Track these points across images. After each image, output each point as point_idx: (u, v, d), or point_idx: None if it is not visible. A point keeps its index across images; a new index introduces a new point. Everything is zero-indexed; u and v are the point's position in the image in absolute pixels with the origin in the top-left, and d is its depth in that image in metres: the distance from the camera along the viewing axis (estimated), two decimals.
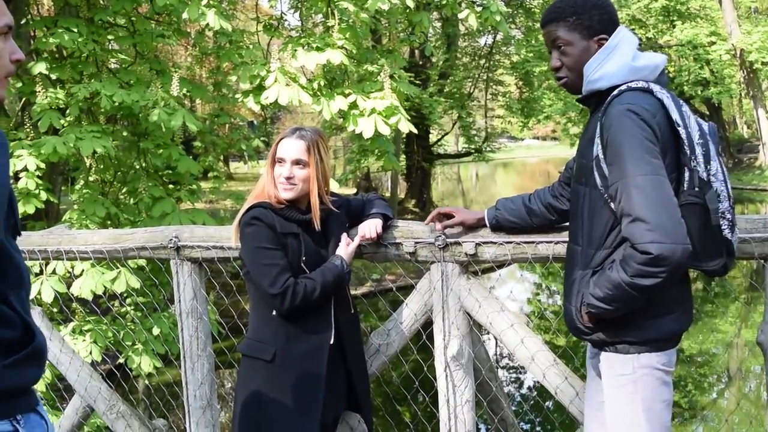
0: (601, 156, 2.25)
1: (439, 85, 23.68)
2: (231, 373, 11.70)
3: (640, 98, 2.22)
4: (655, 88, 2.26)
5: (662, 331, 2.29)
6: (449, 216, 2.92)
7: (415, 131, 7.21)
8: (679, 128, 2.21)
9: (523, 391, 11.24)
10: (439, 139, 28.20)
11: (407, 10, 7.71)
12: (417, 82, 10.07)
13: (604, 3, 2.39)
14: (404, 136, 17.43)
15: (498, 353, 11.99)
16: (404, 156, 23.29)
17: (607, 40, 2.34)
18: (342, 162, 22.92)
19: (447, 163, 36.86)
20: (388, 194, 22.71)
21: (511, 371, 11.90)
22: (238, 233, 2.85)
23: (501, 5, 7.86)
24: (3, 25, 1.90)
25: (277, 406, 2.80)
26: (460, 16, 7.94)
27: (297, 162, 2.81)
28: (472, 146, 26.56)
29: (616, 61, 2.31)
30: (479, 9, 8.03)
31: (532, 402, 10.03)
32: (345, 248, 2.89)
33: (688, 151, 2.21)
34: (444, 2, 7.83)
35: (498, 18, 7.77)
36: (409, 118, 7.00)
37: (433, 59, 23.22)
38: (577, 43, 2.36)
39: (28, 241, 3.69)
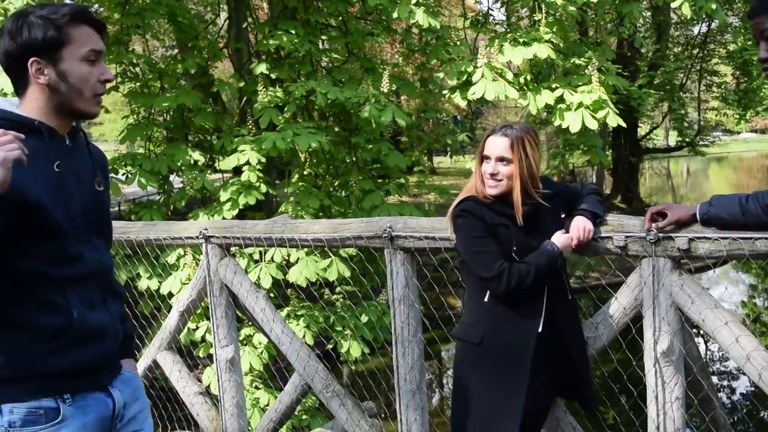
0: None
1: (649, 76, 22.76)
2: (440, 362, 11.97)
3: None
4: None
5: None
6: (662, 214, 2.86)
7: (624, 125, 7.05)
8: None
9: (735, 397, 10.69)
10: (648, 133, 27.12)
11: (616, 1, 7.55)
12: (625, 73, 9.77)
13: None
14: (611, 129, 16.97)
15: (707, 358, 11.45)
16: (611, 150, 22.62)
17: None
18: (546, 156, 22.61)
19: (656, 158, 35.46)
20: None
21: (720, 377, 11.34)
22: (452, 225, 2.98)
23: None
24: (88, 51, 2.01)
25: (482, 389, 2.91)
26: (673, 5, 7.65)
27: (501, 159, 2.87)
28: (685, 140, 25.38)
29: None
30: None
31: (743, 410, 9.54)
32: (559, 235, 2.92)
33: None
34: None
35: (714, 6, 7.44)
36: (617, 111, 6.86)
37: (642, 50, 22.37)
38: None
39: (255, 229, 3.99)
